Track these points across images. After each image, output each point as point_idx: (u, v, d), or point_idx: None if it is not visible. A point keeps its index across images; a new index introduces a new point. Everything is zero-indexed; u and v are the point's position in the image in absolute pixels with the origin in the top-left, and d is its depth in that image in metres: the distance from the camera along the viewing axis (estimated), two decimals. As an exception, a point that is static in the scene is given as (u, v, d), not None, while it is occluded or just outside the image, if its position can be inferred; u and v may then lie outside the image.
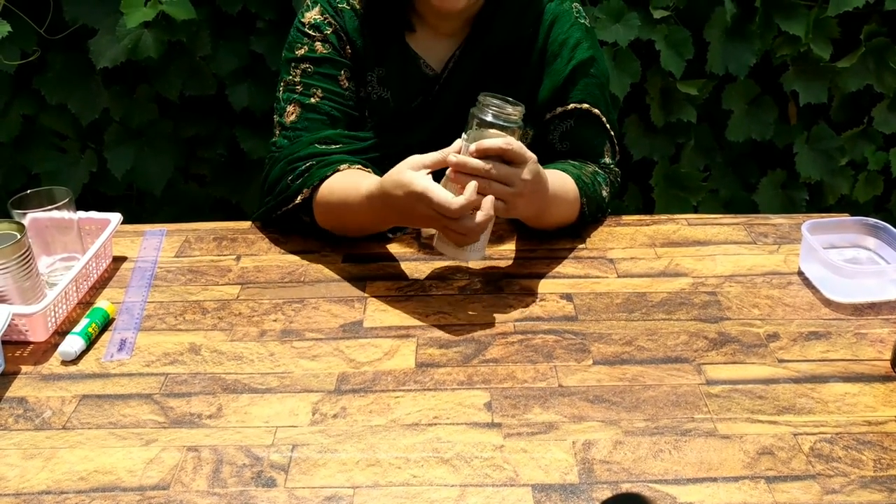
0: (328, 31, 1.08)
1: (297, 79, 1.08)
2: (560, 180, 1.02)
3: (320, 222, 1.04)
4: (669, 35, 1.66)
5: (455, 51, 1.09)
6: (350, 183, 0.99)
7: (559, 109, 1.10)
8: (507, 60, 1.09)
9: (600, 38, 1.61)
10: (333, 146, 1.05)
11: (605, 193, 1.10)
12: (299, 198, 1.02)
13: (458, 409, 0.77)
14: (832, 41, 1.70)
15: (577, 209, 1.05)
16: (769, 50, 1.71)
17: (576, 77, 1.09)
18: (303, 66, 1.08)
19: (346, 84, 1.08)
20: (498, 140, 0.86)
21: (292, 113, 1.07)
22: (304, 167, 1.03)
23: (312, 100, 1.07)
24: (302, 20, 1.10)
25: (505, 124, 0.88)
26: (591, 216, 1.08)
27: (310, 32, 1.08)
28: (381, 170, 1.01)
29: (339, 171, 1.01)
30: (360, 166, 1.03)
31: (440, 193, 0.85)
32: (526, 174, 0.87)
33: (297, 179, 1.03)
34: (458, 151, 0.88)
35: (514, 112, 0.89)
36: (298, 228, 1.08)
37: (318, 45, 1.08)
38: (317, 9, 1.09)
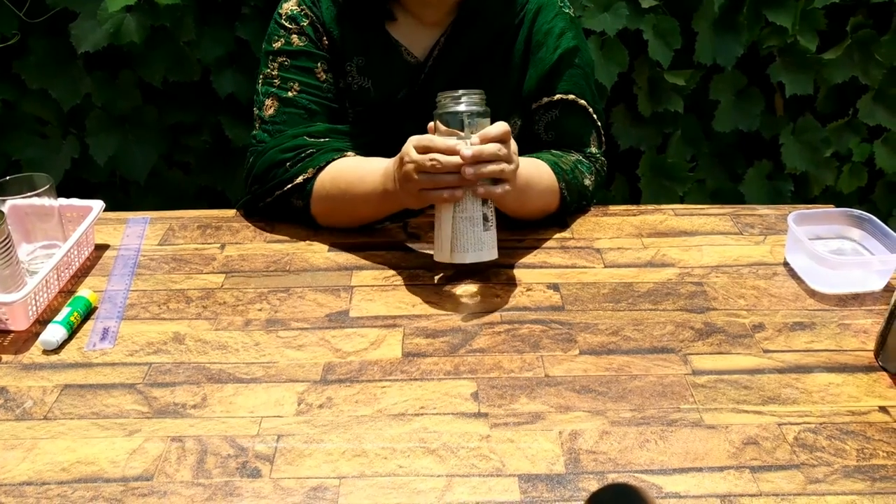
0: (304, 22, 1.07)
1: (275, 72, 1.08)
2: (533, 166, 1.02)
3: (316, 204, 1.03)
4: (657, 25, 1.66)
5: (439, 39, 1.08)
6: (365, 162, 1.01)
7: (545, 100, 1.10)
8: (491, 50, 1.09)
9: (588, 27, 1.61)
10: (322, 140, 1.05)
11: (587, 182, 1.09)
12: (301, 177, 1.02)
13: (444, 399, 0.77)
14: (819, 33, 1.70)
15: (556, 195, 1.05)
16: (756, 41, 1.71)
17: (561, 67, 1.09)
18: (280, 59, 1.08)
19: (324, 76, 1.08)
20: (501, 124, 0.89)
21: (270, 107, 1.07)
22: (304, 154, 1.03)
23: (290, 93, 1.07)
24: (280, 11, 1.10)
25: (484, 109, 0.91)
26: (573, 203, 1.07)
27: (286, 24, 1.08)
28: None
29: (345, 156, 1.04)
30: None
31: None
32: (514, 147, 0.91)
33: (297, 164, 1.03)
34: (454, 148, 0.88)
35: (480, 98, 0.91)
36: (284, 216, 1.07)
37: (295, 37, 1.07)
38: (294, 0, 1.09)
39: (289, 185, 1.03)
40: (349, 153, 1.05)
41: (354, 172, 1.01)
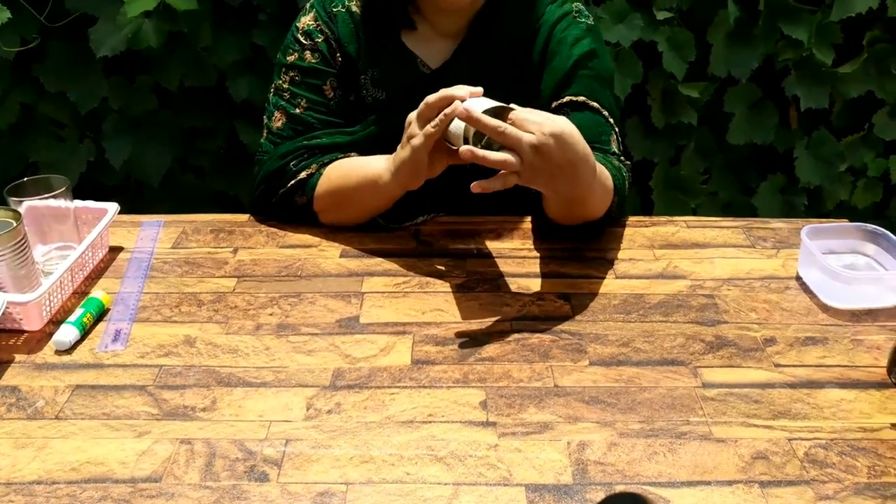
0: (319, 38, 1.09)
1: (286, 85, 1.10)
2: (601, 167, 0.96)
3: (319, 199, 1.06)
4: (672, 37, 1.66)
5: (454, 50, 1.09)
6: (366, 158, 1.05)
7: (554, 104, 1.08)
8: (507, 61, 1.09)
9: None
10: (315, 140, 1.08)
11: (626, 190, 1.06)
12: (305, 173, 1.05)
13: (453, 407, 0.77)
14: (835, 46, 1.70)
15: (606, 203, 0.99)
16: (772, 54, 1.71)
17: (574, 72, 1.08)
18: (291, 73, 1.10)
19: (332, 93, 1.10)
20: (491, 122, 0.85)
21: (279, 119, 1.10)
22: (308, 153, 1.07)
23: (297, 110, 1.09)
24: (297, 24, 1.11)
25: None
26: (616, 213, 1.03)
27: (301, 40, 1.10)
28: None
29: (349, 156, 1.07)
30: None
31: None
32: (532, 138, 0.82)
33: (301, 161, 1.07)
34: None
35: None
36: (287, 216, 1.08)
37: (308, 53, 1.09)
38: (311, 14, 1.10)
39: (293, 182, 1.06)
40: (352, 154, 1.08)
41: (357, 162, 1.05)
